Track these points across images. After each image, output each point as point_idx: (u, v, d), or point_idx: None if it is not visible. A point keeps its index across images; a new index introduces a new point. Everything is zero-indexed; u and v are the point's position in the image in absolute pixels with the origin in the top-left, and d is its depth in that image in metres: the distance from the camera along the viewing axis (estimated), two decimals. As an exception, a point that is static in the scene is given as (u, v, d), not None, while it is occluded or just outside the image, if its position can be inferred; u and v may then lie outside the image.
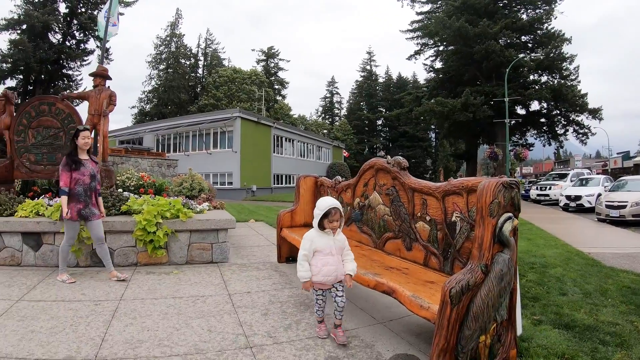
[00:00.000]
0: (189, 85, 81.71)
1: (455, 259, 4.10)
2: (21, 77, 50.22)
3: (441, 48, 53.20)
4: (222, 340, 4.11)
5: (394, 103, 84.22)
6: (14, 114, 9.54)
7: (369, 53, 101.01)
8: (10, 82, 50.09)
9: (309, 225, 6.88)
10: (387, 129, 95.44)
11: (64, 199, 5.91)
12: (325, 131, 79.41)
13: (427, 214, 4.55)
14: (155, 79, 79.46)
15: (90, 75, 9.71)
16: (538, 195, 29.66)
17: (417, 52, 55.92)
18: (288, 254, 7.47)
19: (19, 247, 7.06)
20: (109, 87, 9.63)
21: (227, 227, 7.73)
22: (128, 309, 5.01)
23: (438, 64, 55.20)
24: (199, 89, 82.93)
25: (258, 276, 6.65)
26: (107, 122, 9.40)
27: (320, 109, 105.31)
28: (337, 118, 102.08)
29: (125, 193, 8.31)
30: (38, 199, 8.06)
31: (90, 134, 6.40)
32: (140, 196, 8.37)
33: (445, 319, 3.04)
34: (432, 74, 57.22)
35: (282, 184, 48.60)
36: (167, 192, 10.12)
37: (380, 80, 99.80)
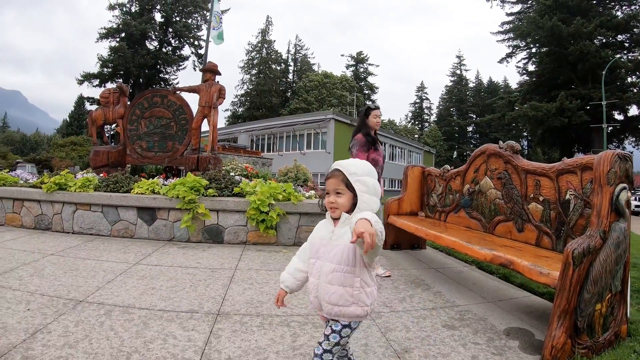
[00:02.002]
0: (280, 89, 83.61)
1: (568, 237, 4.10)
2: (121, 80, 53.24)
3: (534, 50, 50.95)
4: None
5: (484, 108, 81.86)
6: (127, 104, 10.20)
7: (458, 57, 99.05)
8: (111, 85, 53.23)
9: (414, 214, 6.80)
10: (478, 135, 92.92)
11: None
12: (416, 136, 78.59)
13: (540, 195, 4.59)
14: (247, 84, 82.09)
15: (201, 70, 10.21)
16: (636, 206, 27.59)
17: (509, 55, 54.03)
18: (393, 241, 7.44)
19: (133, 221, 7.67)
20: (218, 81, 10.07)
21: None
22: (244, 277, 5.24)
23: (531, 67, 52.92)
24: (289, 93, 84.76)
25: None
26: (217, 113, 9.82)
27: (410, 114, 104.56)
28: (426, 124, 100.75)
29: (237, 177, 8.56)
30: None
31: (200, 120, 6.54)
32: (251, 180, 8.61)
33: (567, 279, 3.11)
34: (525, 77, 54.89)
35: (372, 186, 48.23)
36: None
37: (471, 85, 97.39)
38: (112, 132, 24.08)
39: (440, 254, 7.27)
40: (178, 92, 10.16)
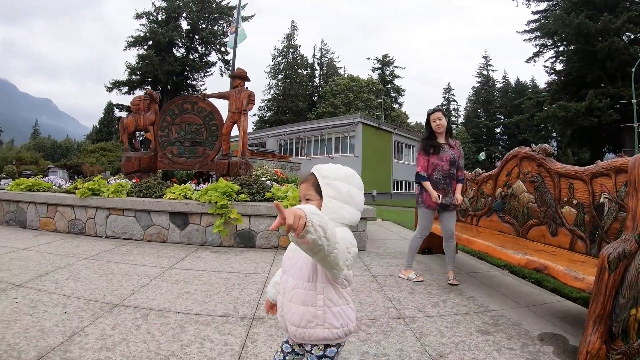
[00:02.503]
0: (307, 93, 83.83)
1: (603, 241, 4.07)
2: (149, 87, 53.85)
3: (561, 48, 49.80)
4: (375, 310, 4.21)
5: (512, 109, 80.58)
6: (158, 111, 10.35)
7: (485, 57, 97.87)
8: (139, 92, 54.13)
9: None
10: (506, 137, 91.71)
11: (426, 185, 5.45)
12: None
13: (574, 198, 4.57)
14: (274, 88, 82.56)
15: (231, 77, 10.32)
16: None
17: (536, 54, 52.97)
18: (425, 245, 7.37)
19: (165, 225, 7.78)
20: (247, 87, 10.16)
21: (367, 216, 7.91)
22: None
23: (559, 66, 51.60)
24: (315, 98, 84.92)
25: (397, 263, 6.65)
26: (247, 119, 9.92)
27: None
28: (454, 126, 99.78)
29: (269, 182, 8.60)
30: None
31: (229, 126, 6.57)
32: (281, 185, 8.65)
33: (603, 284, 3.08)
34: (553, 77, 53.29)
35: (401, 190, 48.15)
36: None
37: (498, 85, 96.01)
38: (141, 138, 24.46)
39: (472, 259, 7.19)
40: (208, 98, 10.27)
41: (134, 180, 9.10)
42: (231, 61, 54.22)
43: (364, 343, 3.35)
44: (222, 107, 10.43)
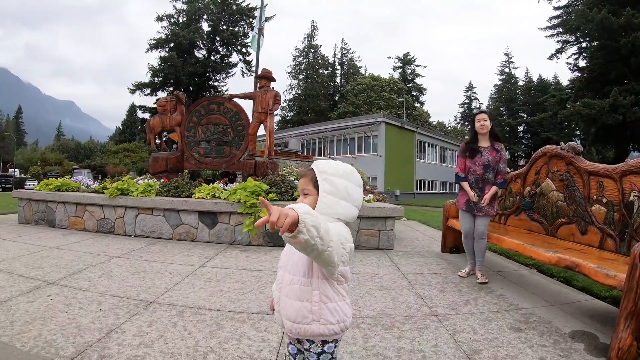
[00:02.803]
0: (328, 93, 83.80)
1: (632, 239, 4.07)
2: (171, 89, 54.48)
3: (584, 44, 48.95)
4: (407, 308, 4.22)
5: (535, 107, 79.10)
6: (184, 112, 10.45)
7: (506, 55, 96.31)
8: (162, 94, 54.83)
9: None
10: (529, 135, 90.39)
11: (464, 185, 5.56)
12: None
13: (604, 196, 4.59)
14: (295, 88, 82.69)
15: (256, 77, 10.38)
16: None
17: (559, 51, 52.00)
18: (452, 244, 7.41)
19: (194, 225, 7.85)
20: (273, 87, 10.20)
21: (395, 215, 7.88)
22: None
23: (582, 62, 50.63)
24: (337, 97, 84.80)
25: (425, 262, 6.66)
26: (273, 119, 9.96)
27: (459, 115, 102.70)
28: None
29: (296, 181, 8.61)
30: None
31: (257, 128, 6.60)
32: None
33: (634, 281, 3.09)
34: (576, 74, 51.86)
35: (424, 189, 47.85)
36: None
37: (520, 83, 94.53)
38: (164, 139, 24.64)
39: (499, 257, 7.13)
40: (234, 99, 10.33)
41: (162, 180, 9.18)
42: (254, 62, 54.68)
43: (399, 340, 3.37)
44: (246, 107, 10.52)
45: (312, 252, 1.53)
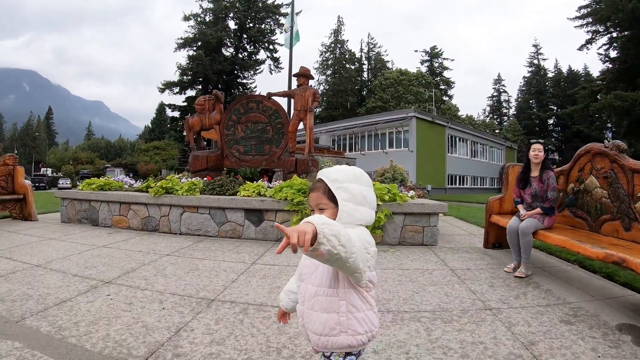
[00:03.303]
0: (356, 88, 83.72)
1: None
2: (200, 87, 55.02)
3: (615, 35, 47.83)
4: (461, 302, 4.34)
5: (565, 99, 77.54)
6: (223, 111, 10.58)
7: (535, 46, 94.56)
8: (191, 92, 55.43)
9: (515, 213, 6.67)
10: (559, 128, 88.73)
11: (519, 207, 6.06)
12: (497, 131, 76.17)
13: None
14: (323, 84, 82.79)
15: (294, 75, 10.43)
16: None
17: (589, 41, 50.86)
18: (494, 240, 7.44)
19: (240, 222, 7.97)
20: (311, 85, 10.25)
21: (439, 211, 7.95)
22: None
23: (613, 53, 49.38)
24: (364, 92, 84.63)
25: (470, 257, 6.70)
26: (312, 117, 10.04)
27: (488, 108, 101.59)
28: (505, 117, 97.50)
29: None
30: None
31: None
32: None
33: None
34: (607, 65, 50.71)
35: (455, 184, 47.64)
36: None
37: (550, 74, 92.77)
38: (193, 137, 24.88)
39: (541, 254, 7.09)
40: (272, 97, 10.42)
41: (205, 179, 9.29)
42: (281, 59, 54.96)
43: (459, 332, 3.48)
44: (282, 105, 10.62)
45: (337, 261, 1.50)
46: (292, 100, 10.08)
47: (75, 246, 6.93)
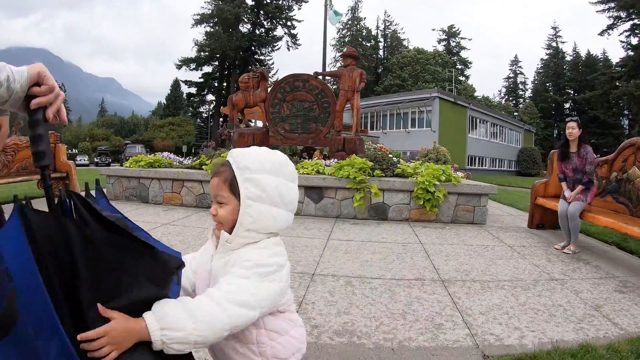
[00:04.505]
0: (372, 66, 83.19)
1: None
2: (216, 63, 54.89)
3: (637, 21, 47.32)
4: (530, 274, 4.83)
5: (583, 84, 76.58)
6: (268, 89, 10.74)
7: (554, 28, 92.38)
8: (207, 68, 55.47)
9: (558, 196, 6.91)
10: (575, 112, 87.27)
11: (562, 185, 6.43)
12: (516, 114, 75.49)
13: None
14: (340, 62, 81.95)
15: (342, 56, 10.64)
16: None
17: (610, 27, 50.37)
18: (539, 221, 7.86)
19: (300, 199, 8.16)
20: (358, 66, 10.32)
21: (489, 192, 8.33)
22: (435, 250, 5.73)
23: (634, 40, 48.93)
24: (380, 70, 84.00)
25: (520, 236, 7.10)
26: (359, 97, 10.29)
27: (504, 89, 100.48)
28: (521, 100, 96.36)
29: (395, 158, 8.94)
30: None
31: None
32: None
33: None
34: (629, 52, 50.20)
35: (475, 165, 47.43)
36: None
37: (568, 58, 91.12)
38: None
39: (581, 235, 7.25)
40: (319, 77, 10.60)
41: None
42: (299, 35, 54.71)
43: (539, 297, 3.98)
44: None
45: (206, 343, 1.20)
46: (339, 80, 10.27)
47: (140, 225, 7.04)
